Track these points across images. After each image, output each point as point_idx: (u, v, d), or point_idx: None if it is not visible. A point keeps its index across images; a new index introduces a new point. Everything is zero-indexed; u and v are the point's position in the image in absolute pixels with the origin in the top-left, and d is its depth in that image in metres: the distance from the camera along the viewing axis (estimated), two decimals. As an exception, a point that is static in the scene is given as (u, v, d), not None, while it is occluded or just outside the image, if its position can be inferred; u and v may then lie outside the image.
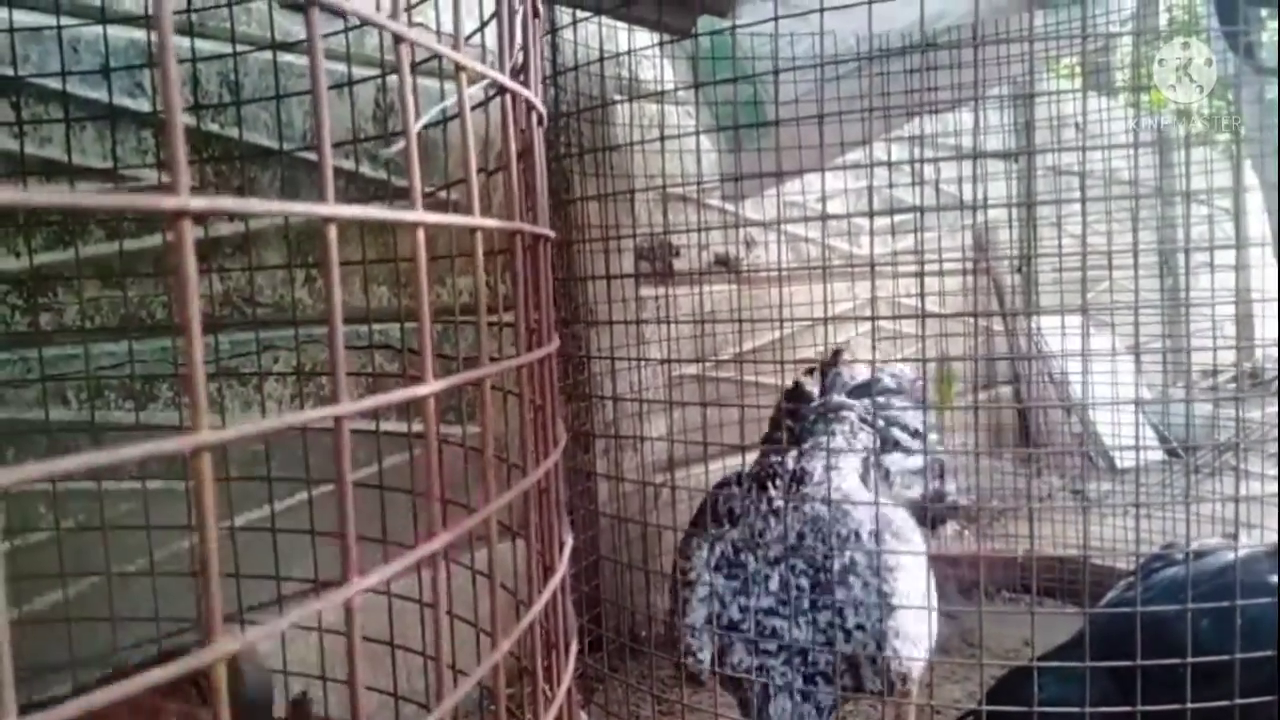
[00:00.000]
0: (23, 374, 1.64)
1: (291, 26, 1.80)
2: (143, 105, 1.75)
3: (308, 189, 1.94)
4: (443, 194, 1.57)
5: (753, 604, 1.70)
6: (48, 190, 1.65)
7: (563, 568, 0.70)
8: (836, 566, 1.68)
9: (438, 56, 0.56)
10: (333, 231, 0.39)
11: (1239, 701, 1.31)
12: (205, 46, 1.75)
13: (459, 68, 0.49)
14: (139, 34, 1.72)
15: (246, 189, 1.88)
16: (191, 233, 0.33)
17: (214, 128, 1.85)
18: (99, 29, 1.63)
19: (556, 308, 2.40)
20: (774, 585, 1.70)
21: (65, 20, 1.59)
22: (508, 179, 0.59)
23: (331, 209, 0.39)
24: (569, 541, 0.72)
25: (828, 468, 1.79)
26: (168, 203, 0.33)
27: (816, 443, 1.92)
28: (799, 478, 1.83)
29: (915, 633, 1.68)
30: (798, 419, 2.05)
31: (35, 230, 1.63)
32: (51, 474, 0.31)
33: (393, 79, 1.72)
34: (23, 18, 1.59)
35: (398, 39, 0.43)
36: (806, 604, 1.68)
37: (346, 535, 0.39)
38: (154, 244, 1.76)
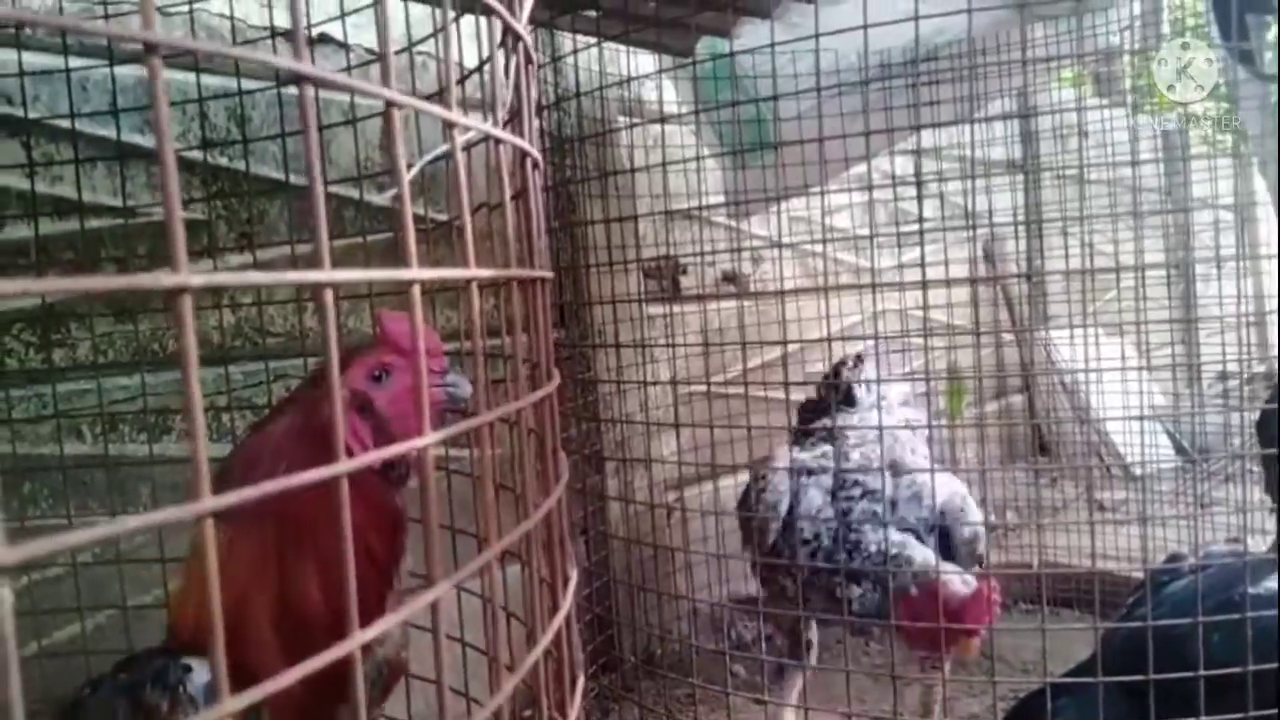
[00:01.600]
0: (38, 410, 1.66)
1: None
2: (152, 142, 1.77)
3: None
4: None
5: (835, 464, 2.01)
6: (55, 280, 1.68)
7: (568, 602, 0.71)
8: (912, 461, 2.05)
9: (437, 94, 0.57)
10: (329, 296, 0.41)
11: (1252, 715, 1.31)
12: (212, 82, 1.77)
13: (449, 125, 0.50)
14: (146, 72, 1.74)
15: (255, 221, 1.90)
16: (192, 308, 0.35)
17: (222, 161, 1.88)
18: (107, 69, 1.65)
19: (565, 329, 2.42)
20: (855, 458, 2.03)
21: (74, 61, 1.62)
22: (503, 227, 0.60)
23: (328, 275, 0.40)
24: (574, 576, 0.73)
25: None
26: (166, 280, 0.34)
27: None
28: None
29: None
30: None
31: (48, 268, 1.65)
32: (62, 548, 0.32)
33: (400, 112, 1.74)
34: (32, 59, 1.61)
35: (388, 104, 0.44)
36: (890, 476, 1.95)
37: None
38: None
